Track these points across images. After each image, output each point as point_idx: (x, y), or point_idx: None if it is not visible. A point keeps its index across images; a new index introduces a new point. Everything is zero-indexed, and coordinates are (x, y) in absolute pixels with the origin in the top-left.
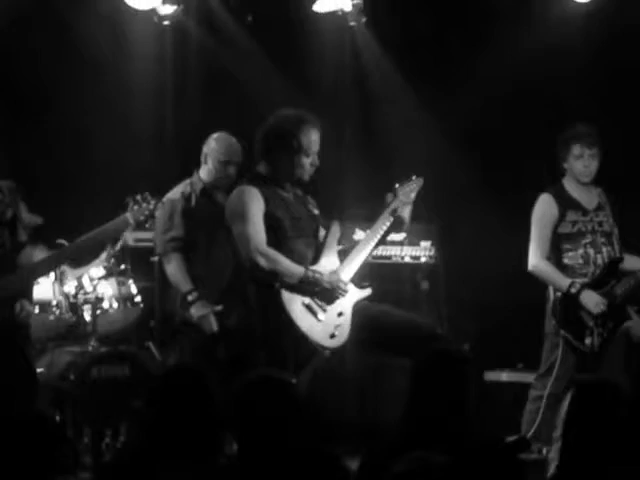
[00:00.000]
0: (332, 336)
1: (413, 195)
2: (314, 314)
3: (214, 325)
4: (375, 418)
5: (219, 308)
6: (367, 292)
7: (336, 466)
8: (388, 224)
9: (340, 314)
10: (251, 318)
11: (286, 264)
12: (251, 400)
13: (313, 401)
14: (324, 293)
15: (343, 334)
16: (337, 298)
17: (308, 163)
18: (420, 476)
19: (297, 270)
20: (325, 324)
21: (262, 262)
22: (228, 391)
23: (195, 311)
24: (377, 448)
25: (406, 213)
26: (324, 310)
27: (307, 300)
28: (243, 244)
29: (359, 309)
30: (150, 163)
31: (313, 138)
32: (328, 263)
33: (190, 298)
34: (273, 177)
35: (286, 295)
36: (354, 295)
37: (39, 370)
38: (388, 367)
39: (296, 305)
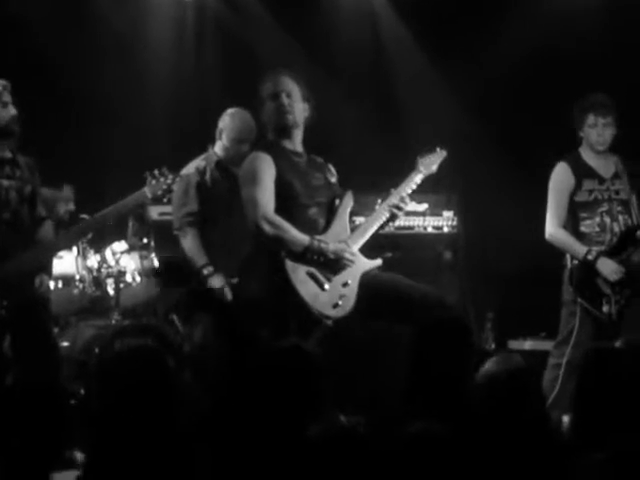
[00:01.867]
0: (335, 306)
1: (435, 167)
2: (318, 283)
3: (229, 296)
4: (382, 388)
5: (234, 280)
6: (377, 263)
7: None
8: (402, 195)
9: (345, 284)
10: (259, 287)
11: (291, 232)
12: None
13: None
14: (329, 263)
15: (347, 304)
16: (342, 268)
17: (272, 107)
18: (421, 447)
19: (302, 239)
20: (329, 293)
21: (267, 229)
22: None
23: (211, 284)
24: (377, 417)
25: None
26: (329, 279)
27: (312, 269)
28: (250, 209)
29: (367, 277)
30: (170, 139)
31: (268, 84)
32: (338, 232)
33: (205, 272)
34: (275, 139)
35: (290, 263)
36: (362, 265)
37: (63, 344)
38: (395, 336)
39: (300, 273)
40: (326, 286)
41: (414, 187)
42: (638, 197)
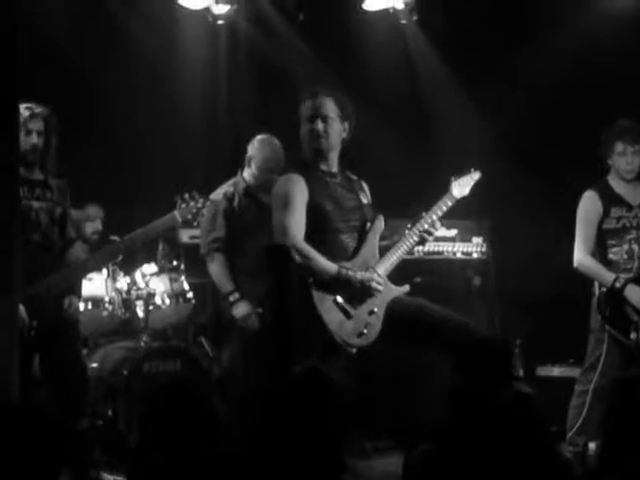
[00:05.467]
0: (360, 335)
1: (468, 189)
2: (344, 312)
3: (256, 324)
4: (408, 415)
5: (260, 310)
6: (404, 289)
7: None
8: (434, 219)
9: (371, 312)
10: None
11: (319, 262)
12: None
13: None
14: (356, 291)
15: (372, 333)
16: (369, 297)
17: (306, 130)
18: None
19: (330, 268)
20: (355, 322)
21: (296, 257)
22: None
23: (237, 311)
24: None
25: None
26: (355, 308)
27: (338, 297)
28: (280, 236)
29: (393, 302)
30: (203, 163)
31: (306, 106)
32: (366, 258)
33: (231, 299)
34: (311, 160)
35: (317, 292)
36: (390, 293)
37: (92, 365)
38: (420, 364)
39: (327, 302)
40: (352, 314)
41: (445, 210)
42: None
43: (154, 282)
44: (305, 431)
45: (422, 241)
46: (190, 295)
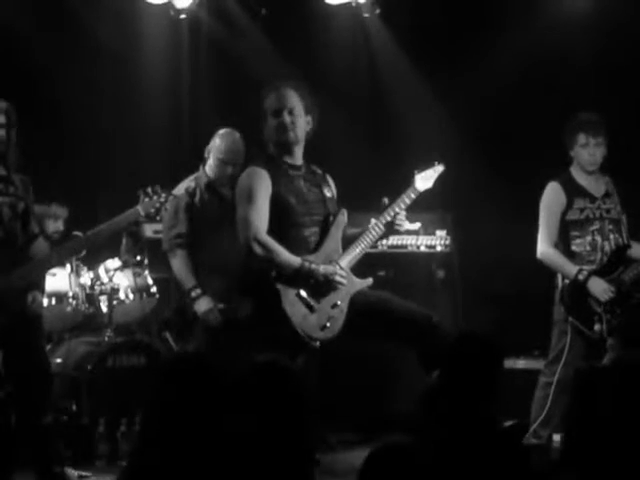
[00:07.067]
0: (323, 328)
1: (431, 182)
2: (307, 305)
3: (218, 318)
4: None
5: (221, 306)
6: (367, 282)
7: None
8: (397, 211)
9: (334, 305)
10: (249, 308)
11: (282, 255)
12: (255, 385)
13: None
14: (319, 285)
15: (335, 326)
16: (332, 290)
17: (274, 123)
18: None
19: (293, 261)
20: (318, 315)
21: (258, 250)
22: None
23: (199, 306)
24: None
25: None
26: (318, 301)
27: (301, 291)
28: (242, 229)
29: (356, 296)
30: (164, 157)
31: (271, 99)
32: (329, 252)
33: (193, 294)
34: (276, 153)
35: (280, 285)
36: (353, 286)
37: (56, 360)
38: (385, 356)
39: (289, 295)
40: (315, 308)
41: (409, 203)
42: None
43: (118, 277)
44: (265, 422)
45: (386, 234)
46: (154, 290)
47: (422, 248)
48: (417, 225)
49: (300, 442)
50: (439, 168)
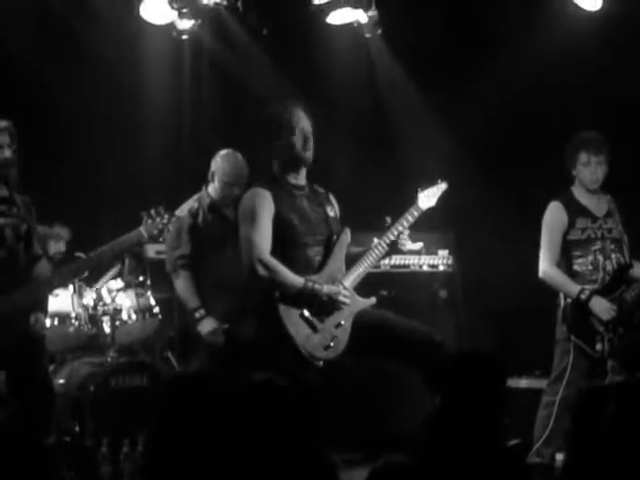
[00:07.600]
0: (327, 347)
1: (434, 200)
2: (311, 325)
3: (222, 339)
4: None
5: (225, 327)
6: (371, 301)
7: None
8: (400, 230)
9: (338, 325)
10: (252, 329)
11: (285, 275)
12: (250, 405)
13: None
14: (322, 305)
15: (339, 346)
16: (336, 310)
17: (300, 142)
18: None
19: (296, 281)
20: (321, 335)
21: (261, 271)
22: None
23: (203, 327)
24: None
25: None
26: (321, 321)
27: (305, 311)
28: (246, 249)
29: (360, 314)
30: (166, 177)
31: (298, 115)
32: (333, 272)
33: (197, 315)
34: (281, 173)
35: (283, 306)
36: (356, 305)
37: (59, 381)
38: (388, 376)
39: (293, 316)
40: (318, 328)
41: (412, 221)
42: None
43: (120, 298)
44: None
45: (389, 253)
46: (156, 310)
47: (424, 267)
48: (419, 245)
49: (300, 458)
50: (442, 186)
